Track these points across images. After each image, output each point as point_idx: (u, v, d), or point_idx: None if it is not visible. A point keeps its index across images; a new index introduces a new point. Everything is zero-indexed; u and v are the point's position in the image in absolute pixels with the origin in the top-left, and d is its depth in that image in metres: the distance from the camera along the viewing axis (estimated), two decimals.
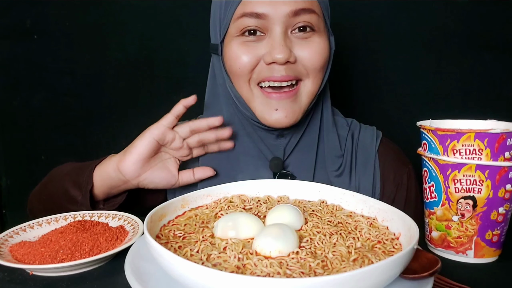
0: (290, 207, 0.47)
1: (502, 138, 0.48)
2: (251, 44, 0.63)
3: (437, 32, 1.06)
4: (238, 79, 0.65)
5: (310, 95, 0.66)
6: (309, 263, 0.37)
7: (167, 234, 0.44)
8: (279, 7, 0.61)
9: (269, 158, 0.69)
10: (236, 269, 0.37)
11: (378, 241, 0.43)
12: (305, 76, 0.65)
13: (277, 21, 0.61)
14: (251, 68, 0.63)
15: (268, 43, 0.62)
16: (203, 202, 0.52)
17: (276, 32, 0.62)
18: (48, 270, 0.46)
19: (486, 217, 0.50)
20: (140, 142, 0.61)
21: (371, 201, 0.50)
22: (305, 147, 0.71)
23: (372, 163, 0.72)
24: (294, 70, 0.63)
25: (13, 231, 0.54)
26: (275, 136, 0.69)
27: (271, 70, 0.62)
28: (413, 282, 0.37)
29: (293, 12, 0.61)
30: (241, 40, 0.63)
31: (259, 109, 0.65)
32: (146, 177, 0.63)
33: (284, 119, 0.64)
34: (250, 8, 0.61)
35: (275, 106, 0.64)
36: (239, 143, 0.70)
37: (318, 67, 0.65)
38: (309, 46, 0.64)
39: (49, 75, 1.17)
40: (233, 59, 0.64)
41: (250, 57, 0.63)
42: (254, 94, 0.65)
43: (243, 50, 0.63)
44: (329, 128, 0.72)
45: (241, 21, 0.62)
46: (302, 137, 0.71)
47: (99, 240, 0.51)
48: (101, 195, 0.64)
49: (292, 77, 0.63)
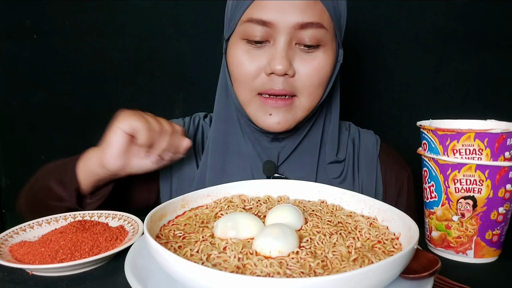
0: (290, 207, 0.47)
1: (502, 138, 0.48)
2: (254, 52, 0.62)
3: (437, 32, 1.06)
4: (238, 84, 0.65)
5: (305, 110, 0.66)
6: (309, 263, 0.37)
7: (167, 234, 0.44)
8: (287, 17, 0.59)
9: (263, 159, 0.69)
10: (236, 269, 0.37)
11: (378, 241, 0.43)
12: (301, 92, 0.64)
13: (282, 31, 0.60)
14: (253, 78, 0.63)
15: (270, 52, 0.62)
16: (203, 202, 0.52)
17: (279, 42, 0.61)
18: (48, 270, 0.46)
19: (486, 217, 0.50)
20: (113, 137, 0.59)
21: (371, 201, 0.50)
22: (305, 154, 0.71)
23: (374, 168, 0.73)
24: (291, 85, 0.62)
25: (13, 231, 0.54)
26: (269, 139, 0.70)
27: (271, 82, 0.62)
28: (413, 282, 0.37)
29: (300, 25, 0.60)
30: (245, 47, 0.63)
31: (254, 113, 0.65)
32: (132, 164, 0.61)
33: (276, 125, 0.64)
34: (258, 14, 0.60)
35: (269, 111, 0.64)
36: (236, 141, 0.71)
37: (316, 84, 0.63)
38: (310, 62, 0.62)
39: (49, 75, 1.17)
40: (236, 65, 0.64)
41: (252, 67, 0.62)
42: (251, 100, 0.65)
43: (247, 58, 0.62)
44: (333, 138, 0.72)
45: (247, 26, 0.61)
46: (300, 143, 0.70)
47: (99, 240, 0.51)
48: (89, 189, 0.63)
49: (287, 92, 0.63)
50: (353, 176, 0.72)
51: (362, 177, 0.72)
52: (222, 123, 0.71)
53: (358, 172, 0.72)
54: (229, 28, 0.65)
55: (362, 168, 0.73)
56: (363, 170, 0.72)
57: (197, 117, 0.77)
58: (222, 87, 0.71)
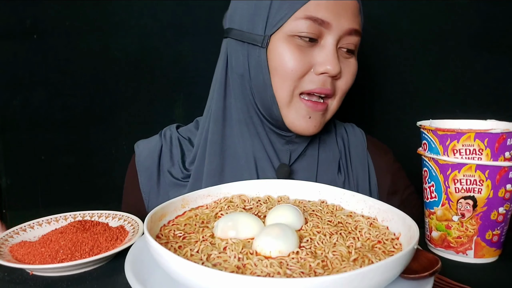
0: (290, 207, 0.47)
1: (502, 138, 0.48)
2: (305, 50, 0.62)
3: (437, 32, 1.06)
4: (283, 81, 0.63)
5: (332, 113, 0.68)
6: (309, 263, 0.37)
7: (167, 234, 0.44)
8: (341, 21, 0.61)
9: (274, 162, 0.68)
10: (236, 269, 0.37)
11: (378, 241, 0.43)
12: (335, 95, 0.66)
13: (335, 33, 0.61)
14: (301, 75, 0.62)
15: (321, 52, 0.62)
16: (203, 202, 0.52)
17: (331, 43, 0.62)
18: (48, 270, 0.46)
19: (486, 217, 0.50)
20: None
21: (371, 201, 0.50)
22: (309, 155, 0.71)
23: (365, 161, 0.74)
24: (335, 86, 0.64)
25: (13, 231, 0.54)
26: (284, 142, 0.69)
27: (319, 81, 0.62)
28: (413, 282, 0.37)
29: (349, 30, 0.62)
30: (296, 43, 0.62)
31: (293, 115, 0.64)
32: None
33: (313, 128, 0.65)
34: (315, 12, 0.60)
35: (308, 114, 0.64)
36: (247, 142, 0.68)
37: (348, 88, 0.66)
38: (348, 67, 0.65)
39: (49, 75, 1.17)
40: (286, 61, 0.62)
41: (303, 64, 0.62)
42: (292, 101, 0.64)
43: (298, 54, 0.62)
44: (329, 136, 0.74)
45: (301, 23, 0.61)
46: (307, 145, 0.71)
47: (99, 240, 0.51)
48: None
49: (332, 93, 0.64)
50: (347, 172, 0.72)
51: (356, 172, 0.73)
52: (220, 124, 0.69)
53: (351, 167, 0.73)
54: (275, 25, 0.62)
55: (355, 162, 0.73)
56: (356, 165, 0.73)
57: (168, 131, 0.75)
58: (220, 86, 0.69)
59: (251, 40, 0.64)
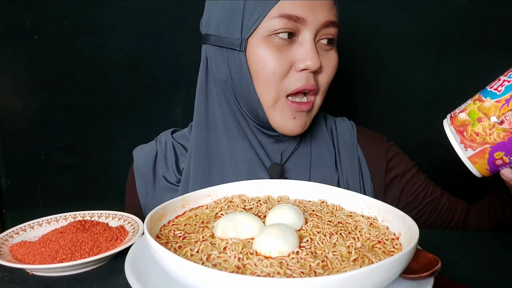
0: (290, 207, 0.47)
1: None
2: (283, 49, 0.61)
3: (436, 32, 1.06)
4: (267, 85, 0.63)
5: (317, 109, 0.67)
6: (309, 263, 0.37)
7: (167, 234, 0.44)
8: (316, 15, 0.61)
9: (265, 163, 0.68)
10: (236, 269, 0.37)
11: (378, 241, 0.43)
12: (319, 90, 0.65)
13: (311, 28, 0.61)
14: (283, 75, 0.62)
15: (300, 49, 0.61)
16: (203, 202, 0.52)
17: (309, 39, 0.61)
18: (48, 270, 0.46)
19: None
20: None
21: (371, 201, 0.50)
22: (301, 152, 0.71)
23: (355, 155, 0.73)
24: (317, 81, 0.64)
25: (13, 231, 0.54)
26: (273, 141, 0.69)
27: (302, 79, 0.62)
28: (413, 282, 0.37)
29: (325, 23, 0.62)
30: (273, 43, 0.61)
31: (278, 117, 0.64)
32: None
33: (298, 128, 0.65)
34: (289, 10, 0.60)
35: (293, 115, 0.64)
36: (235, 147, 0.69)
37: (330, 81, 0.66)
38: (329, 59, 0.64)
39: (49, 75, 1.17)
40: (266, 63, 0.61)
41: (283, 63, 0.61)
42: (277, 102, 0.64)
43: (277, 54, 0.61)
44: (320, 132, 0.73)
45: (276, 22, 0.60)
46: (298, 143, 0.71)
47: (99, 240, 0.51)
48: None
49: (315, 88, 0.63)
50: (335, 166, 0.72)
51: (345, 167, 0.72)
52: (203, 130, 0.69)
53: (340, 161, 0.73)
54: (251, 27, 0.62)
55: (343, 157, 0.73)
56: (344, 160, 0.73)
57: (163, 136, 0.76)
58: (201, 93, 0.69)
59: (229, 44, 0.63)
